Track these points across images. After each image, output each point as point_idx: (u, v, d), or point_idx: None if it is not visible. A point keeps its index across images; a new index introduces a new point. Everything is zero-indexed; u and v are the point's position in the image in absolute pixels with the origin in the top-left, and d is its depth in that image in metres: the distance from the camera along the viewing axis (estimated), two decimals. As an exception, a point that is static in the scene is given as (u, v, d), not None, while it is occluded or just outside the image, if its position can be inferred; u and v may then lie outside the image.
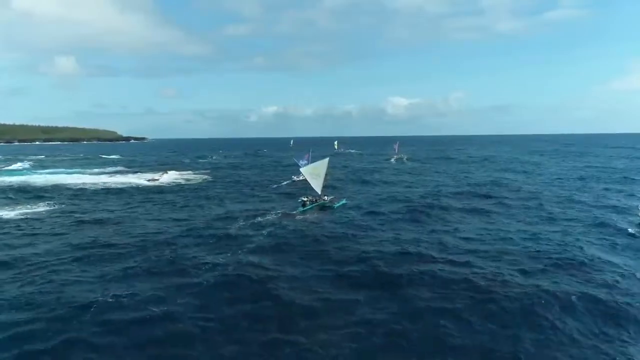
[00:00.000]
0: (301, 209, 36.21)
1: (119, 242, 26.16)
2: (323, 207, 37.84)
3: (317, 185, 39.61)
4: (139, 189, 51.58)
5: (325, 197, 39.25)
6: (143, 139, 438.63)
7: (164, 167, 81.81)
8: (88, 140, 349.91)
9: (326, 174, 62.63)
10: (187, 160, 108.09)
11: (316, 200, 38.36)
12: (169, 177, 64.15)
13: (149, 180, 59.15)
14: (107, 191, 49.88)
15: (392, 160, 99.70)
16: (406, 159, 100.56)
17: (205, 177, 64.70)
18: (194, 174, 69.58)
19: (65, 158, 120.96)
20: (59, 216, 35.08)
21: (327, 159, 41.03)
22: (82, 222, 32.61)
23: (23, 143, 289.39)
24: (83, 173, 71.85)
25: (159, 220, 33.51)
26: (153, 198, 44.92)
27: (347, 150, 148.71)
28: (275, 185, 54.00)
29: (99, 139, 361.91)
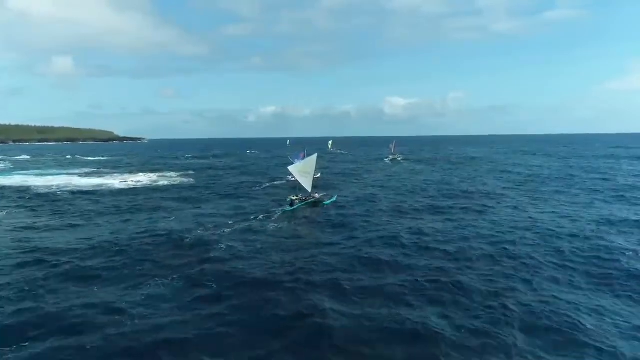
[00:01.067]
0: (289, 208, 35.02)
1: (62, 247, 23.51)
2: (314, 205, 36.78)
3: (306, 184, 38.43)
4: (110, 191, 47.94)
5: (316, 195, 38.14)
6: (140, 139, 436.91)
7: (148, 168, 79.08)
8: (84, 140, 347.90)
9: (319, 174, 62.47)
10: (174, 161, 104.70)
11: (306, 199, 37.20)
12: (147, 178, 60.78)
13: (121, 182, 55.82)
14: (73, 193, 45.93)
15: (387, 160, 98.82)
16: (401, 159, 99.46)
17: (188, 179, 60.24)
18: (177, 175, 66.34)
19: (49, 159, 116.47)
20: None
21: (315, 155, 39.74)
22: (26, 228, 29.21)
23: (18, 143, 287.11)
24: (59, 174, 67.99)
25: (115, 224, 30.10)
26: (121, 200, 41.03)
27: (340, 151, 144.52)
28: (267, 185, 52.66)
29: (94, 140, 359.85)
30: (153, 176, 63.41)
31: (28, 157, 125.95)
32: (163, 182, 56.87)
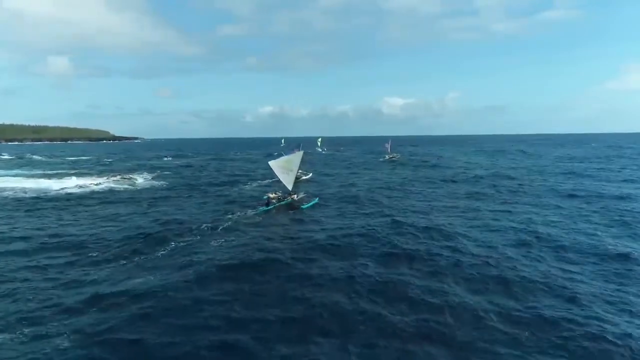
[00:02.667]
0: (263, 208, 32.43)
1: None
2: (291, 207, 34.00)
3: (288, 181, 36.12)
4: (56, 196, 42.19)
5: (295, 196, 35.58)
6: (135, 138, 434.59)
7: (121, 170, 72.37)
8: (78, 139, 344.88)
9: (311, 174, 60.11)
10: (153, 162, 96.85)
11: (284, 198, 34.75)
12: (110, 180, 55.30)
13: (78, 187, 48.63)
14: (16, 199, 40.48)
15: (381, 159, 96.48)
16: (396, 158, 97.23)
17: (160, 181, 55.92)
18: (147, 174, 62.46)
19: (21, 160, 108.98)
20: None
21: (301, 152, 37.42)
22: None
23: (11, 142, 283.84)
24: (18, 176, 62.59)
25: (38, 235, 26.01)
26: (67, 206, 36.56)
27: (324, 151, 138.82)
28: (249, 185, 50.06)
29: (89, 139, 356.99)
30: (119, 178, 57.75)
31: (6, 156, 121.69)
32: (128, 184, 52.36)
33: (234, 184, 50.38)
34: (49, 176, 61.43)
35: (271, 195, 34.29)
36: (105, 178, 57.44)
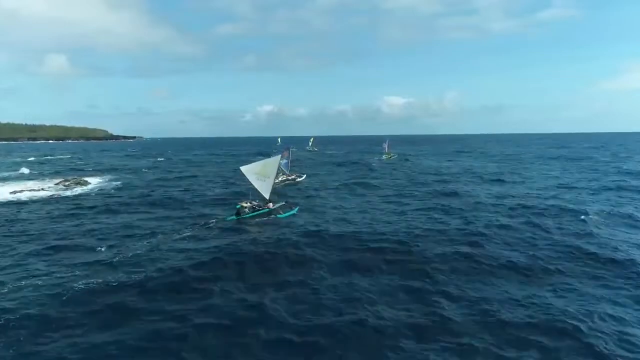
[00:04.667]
0: (232, 217, 29.70)
1: None
2: (268, 216, 31.37)
3: (264, 189, 33.16)
4: None
5: (271, 204, 32.69)
6: (133, 137, 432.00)
7: (91, 171, 68.32)
8: (75, 138, 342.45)
9: (304, 176, 57.04)
10: (133, 162, 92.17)
11: (259, 208, 31.93)
12: (59, 185, 49.97)
13: (12, 193, 43.35)
14: None
15: (378, 159, 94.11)
16: (394, 157, 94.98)
17: (116, 182, 53.16)
18: (106, 177, 58.90)
19: None
20: None
21: (277, 157, 34.48)
22: None
23: (6, 142, 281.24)
24: None
25: None
26: None
27: (315, 149, 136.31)
28: (218, 190, 46.94)
29: (87, 138, 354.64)
30: (70, 181, 51.78)
31: None
32: (81, 189, 47.86)
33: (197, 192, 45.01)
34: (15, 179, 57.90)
35: (244, 205, 31.42)
36: (53, 182, 51.99)
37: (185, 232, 26.36)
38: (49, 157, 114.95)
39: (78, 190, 47.61)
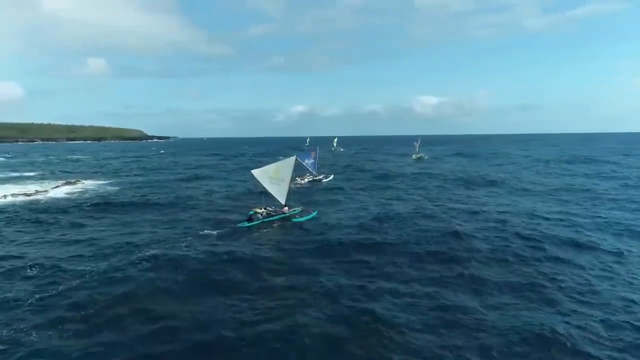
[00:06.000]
0: (244, 224, 28.12)
1: None
2: (283, 221, 29.70)
3: (279, 193, 31.57)
4: None
5: (286, 209, 30.97)
6: (167, 138, 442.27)
7: (100, 174, 66.24)
8: (111, 138, 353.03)
9: (332, 176, 55.02)
10: (147, 166, 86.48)
11: (275, 213, 30.23)
12: (68, 188, 48.90)
13: (5, 197, 41.49)
14: None
15: (410, 159, 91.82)
16: (425, 158, 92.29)
17: (114, 187, 49.65)
18: (105, 180, 56.66)
19: (23, 160, 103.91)
20: None
21: (292, 158, 32.49)
22: None
23: (47, 142, 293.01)
24: None
25: None
26: None
27: (341, 149, 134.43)
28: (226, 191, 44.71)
29: (122, 138, 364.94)
30: (68, 188, 49.31)
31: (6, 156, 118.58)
32: (80, 193, 45.26)
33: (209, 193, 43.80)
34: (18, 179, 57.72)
35: (258, 210, 29.78)
36: (53, 184, 50.94)
37: (185, 241, 24.84)
38: (75, 157, 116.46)
39: (75, 192, 45.91)
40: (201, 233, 26.29)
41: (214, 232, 26.43)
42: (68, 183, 52.90)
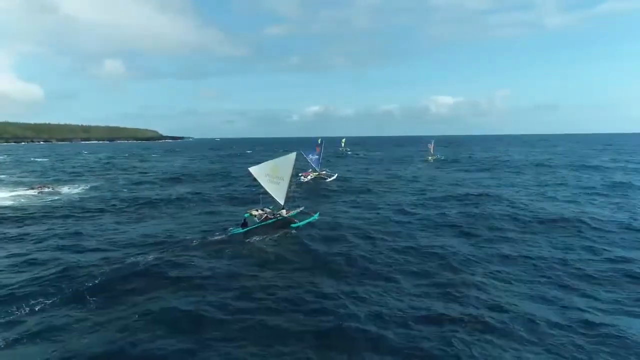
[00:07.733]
0: (237, 230, 24.37)
1: None
2: (282, 225, 25.92)
3: (278, 194, 27.81)
4: None
5: (283, 211, 27.18)
6: (181, 138, 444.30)
7: (93, 174, 62.59)
8: (125, 139, 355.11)
9: (336, 174, 51.35)
10: (146, 164, 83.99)
11: (272, 216, 26.47)
12: (24, 193, 42.39)
13: None
14: None
15: (423, 160, 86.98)
16: (442, 159, 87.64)
17: (93, 194, 42.38)
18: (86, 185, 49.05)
19: (23, 161, 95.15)
20: None
21: (292, 155, 28.43)
22: None
23: (62, 142, 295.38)
24: None
25: None
26: None
27: (349, 151, 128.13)
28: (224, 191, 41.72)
29: (136, 138, 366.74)
30: (45, 189, 43.95)
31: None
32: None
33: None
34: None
35: (254, 213, 26.07)
36: (25, 189, 44.50)
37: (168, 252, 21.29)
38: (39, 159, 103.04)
39: (47, 197, 39.65)
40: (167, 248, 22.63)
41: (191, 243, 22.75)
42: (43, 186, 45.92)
